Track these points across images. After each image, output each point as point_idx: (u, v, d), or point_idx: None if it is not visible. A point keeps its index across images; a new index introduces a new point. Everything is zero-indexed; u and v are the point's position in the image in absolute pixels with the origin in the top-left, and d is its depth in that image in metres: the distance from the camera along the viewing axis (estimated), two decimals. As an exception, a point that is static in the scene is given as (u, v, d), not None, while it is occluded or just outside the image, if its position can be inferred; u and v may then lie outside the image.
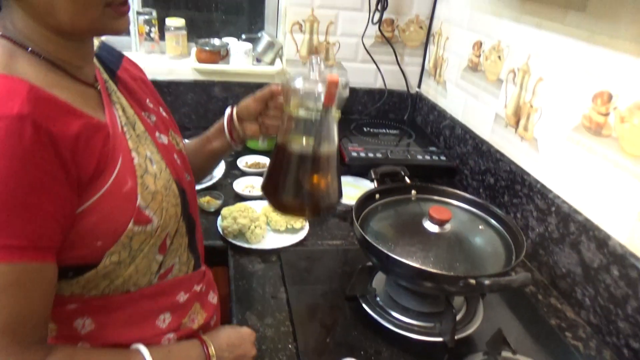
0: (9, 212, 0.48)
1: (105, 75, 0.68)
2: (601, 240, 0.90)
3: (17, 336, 0.51)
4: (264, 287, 0.93)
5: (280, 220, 1.07)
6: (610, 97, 0.91)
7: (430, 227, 0.86)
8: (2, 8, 0.56)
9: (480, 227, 0.91)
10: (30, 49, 0.55)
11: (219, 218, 1.06)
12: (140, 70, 0.79)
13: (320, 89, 0.70)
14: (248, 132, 0.89)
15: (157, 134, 0.70)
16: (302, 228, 1.09)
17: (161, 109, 0.77)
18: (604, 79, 0.92)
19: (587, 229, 0.93)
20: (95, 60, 0.68)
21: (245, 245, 1.02)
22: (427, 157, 1.42)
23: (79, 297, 0.61)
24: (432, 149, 1.48)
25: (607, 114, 0.92)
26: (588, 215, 0.95)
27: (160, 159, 0.67)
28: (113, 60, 0.72)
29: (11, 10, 0.55)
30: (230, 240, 1.02)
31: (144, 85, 0.76)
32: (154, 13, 1.51)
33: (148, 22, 1.51)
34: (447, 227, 0.87)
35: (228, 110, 0.89)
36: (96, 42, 0.73)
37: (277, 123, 0.86)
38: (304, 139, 0.73)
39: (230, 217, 1.03)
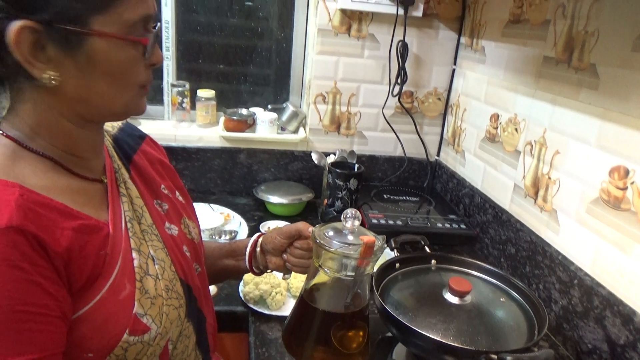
0: (14, 326, 0.45)
1: (117, 164, 0.66)
2: (626, 316, 0.88)
3: None
4: (284, 355, 0.93)
5: (300, 286, 1.08)
6: (627, 172, 0.93)
7: (451, 298, 0.87)
8: (15, 104, 0.55)
9: (501, 299, 0.91)
10: (33, 148, 0.54)
11: (241, 283, 1.08)
12: (162, 151, 0.79)
13: (354, 251, 0.68)
14: (271, 266, 0.86)
15: (166, 224, 0.68)
16: None
17: (177, 194, 0.75)
18: (620, 154, 0.95)
19: (612, 303, 0.92)
20: (111, 144, 0.68)
21: (266, 312, 1.02)
22: (447, 225, 1.43)
23: None
24: (452, 216, 1.50)
25: (624, 188, 0.93)
26: (611, 289, 0.94)
27: (165, 256, 0.64)
28: (132, 144, 0.72)
29: (27, 106, 0.54)
30: (251, 306, 1.04)
31: (162, 168, 0.75)
32: (187, 85, 1.62)
33: (181, 94, 1.61)
34: (468, 298, 0.87)
35: (253, 238, 0.87)
36: (119, 124, 0.74)
37: (302, 263, 0.83)
38: (334, 296, 0.71)
39: (252, 283, 1.05)
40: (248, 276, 1.07)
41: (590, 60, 1.03)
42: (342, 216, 0.72)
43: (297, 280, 1.09)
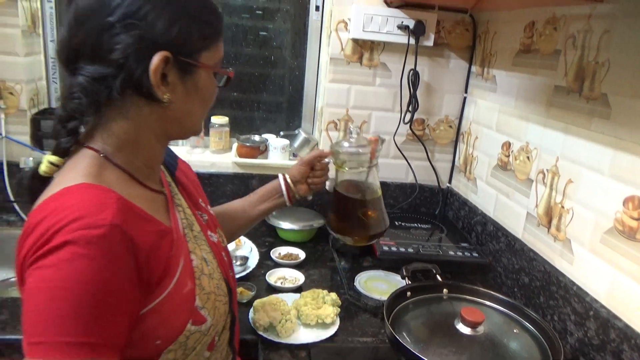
0: (90, 312, 0.52)
1: (168, 178, 0.76)
2: (645, 350, 0.86)
3: None
4: (293, 384, 0.92)
5: (311, 314, 1.08)
6: (641, 202, 0.92)
7: (463, 328, 0.85)
8: (108, 122, 0.63)
9: (515, 330, 0.90)
10: (114, 161, 0.62)
11: (251, 310, 1.08)
12: (192, 170, 0.87)
13: (366, 150, 0.97)
14: (301, 192, 1.08)
15: (209, 232, 0.76)
16: (332, 323, 1.08)
17: (209, 207, 0.84)
18: (634, 184, 0.94)
19: (629, 336, 0.90)
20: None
21: (275, 340, 1.02)
22: (459, 253, 1.42)
23: None
24: (464, 244, 1.48)
25: (639, 219, 0.92)
26: (628, 321, 0.92)
27: (212, 259, 0.73)
28: (172, 162, 0.80)
29: (126, 124, 0.62)
30: (260, 333, 1.03)
31: (196, 185, 0.84)
32: (202, 112, 1.65)
33: (196, 120, 1.64)
34: (481, 329, 0.85)
35: (281, 177, 1.07)
36: None
37: (322, 180, 1.09)
38: (359, 185, 1.00)
39: (262, 310, 1.05)
40: (258, 303, 1.07)
41: (602, 90, 1.04)
42: (347, 131, 1.02)
43: (308, 308, 1.08)
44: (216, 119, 1.66)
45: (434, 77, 1.67)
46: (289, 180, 1.05)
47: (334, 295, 1.14)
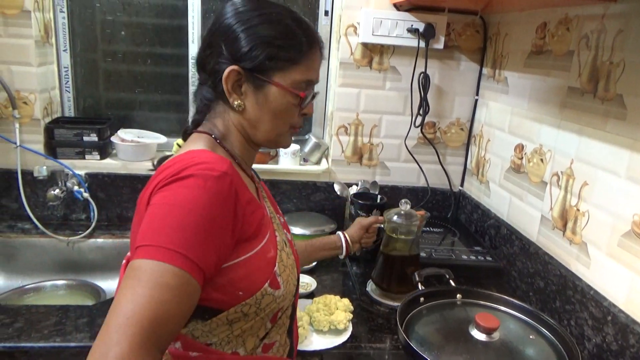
0: (194, 232, 0.62)
1: (257, 179, 0.90)
2: (666, 357, 0.84)
3: (154, 334, 0.56)
4: (306, 392, 0.91)
5: (323, 320, 1.07)
6: (659, 205, 0.90)
7: (478, 335, 0.84)
8: (211, 117, 0.80)
9: (531, 336, 0.88)
10: (224, 145, 0.78)
11: None
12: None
13: (415, 220, 1.19)
14: (355, 249, 1.25)
15: (285, 231, 0.89)
16: (345, 329, 1.08)
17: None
18: (651, 186, 0.92)
19: (649, 342, 0.88)
20: None
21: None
22: (473, 257, 1.40)
23: (202, 347, 0.72)
24: (477, 248, 1.47)
25: (658, 221, 0.90)
26: (648, 327, 0.90)
27: (290, 249, 0.84)
28: (256, 176, 0.93)
29: (218, 120, 0.79)
30: None
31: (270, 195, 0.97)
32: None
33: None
34: (496, 335, 0.84)
35: (342, 235, 1.24)
36: None
37: (371, 241, 1.29)
38: (406, 248, 1.21)
39: None
40: None
41: (617, 91, 1.02)
42: (399, 203, 1.21)
43: (320, 314, 1.08)
44: (227, 125, 1.66)
45: (445, 80, 1.65)
46: (349, 239, 1.23)
47: (346, 300, 1.13)
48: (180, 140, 0.83)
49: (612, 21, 1.05)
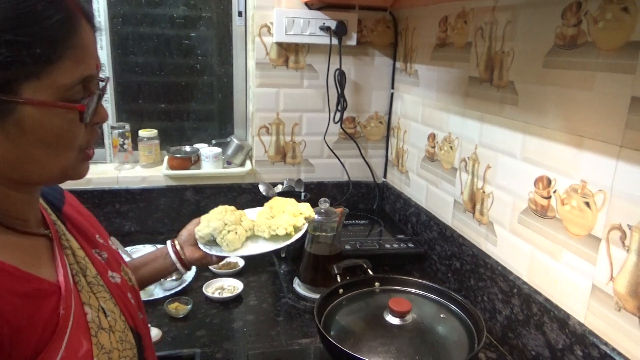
0: None
1: (53, 216, 0.64)
2: (562, 320, 0.91)
3: None
4: (231, 395, 0.91)
5: (262, 224, 0.95)
6: (549, 182, 0.98)
7: (392, 319, 0.87)
8: None
9: (442, 315, 0.93)
10: None
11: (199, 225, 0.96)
12: (81, 205, 0.75)
13: (335, 217, 1.22)
14: (188, 254, 0.95)
15: (109, 273, 0.66)
16: (288, 236, 0.94)
17: (110, 243, 0.74)
18: (542, 165, 0.99)
19: (548, 309, 0.95)
20: (40, 199, 0.63)
21: (221, 254, 0.92)
22: (396, 245, 1.45)
23: None
24: (401, 236, 1.52)
25: (549, 197, 0.98)
26: (547, 295, 0.98)
27: (114, 306, 0.62)
28: (57, 197, 0.69)
29: None
30: (201, 246, 0.93)
31: (91, 219, 0.73)
32: (128, 126, 1.61)
33: (122, 135, 1.59)
34: (409, 318, 0.88)
35: (169, 243, 0.95)
36: None
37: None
38: (328, 244, 1.23)
39: (205, 220, 0.93)
40: (204, 215, 0.97)
41: (509, 78, 1.09)
42: (318, 202, 1.23)
43: (261, 218, 0.98)
44: (144, 133, 1.61)
45: (360, 75, 1.70)
46: (177, 244, 0.95)
47: (304, 205, 1.00)
48: None
49: (501, 13, 1.12)
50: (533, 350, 0.99)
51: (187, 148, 1.65)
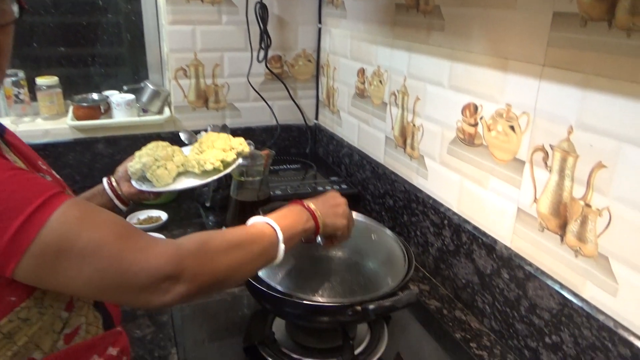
0: None
1: None
2: (489, 246, 0.91)
3: None
4: (152, 353, 0.84)
5: (192, 159, 0.94)
6: (476, 108, 0.95)
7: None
8: None
9: (373, 236, 0.90)
10: None
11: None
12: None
13: (261, 161, 1.13)
14: (125, 190, 0.94)
15: None
16: (216, 171, 0.93)
17: (53, 171, 0.75)
18: (469, 92, 0.96)
19: (476, 236, 0.95)
20: None
21: (153, 189, 0.91)
22: (329, 187, 1.41)
23: None
24: (334, 178, 1.47)
25: (475, 124, 0.95)
26: (475, 223, 0.97)
27: None
28: None
29: None
30: (133, 182, 0.92)
31: (29, 149, 0.74)
32: (21, 74, 1.41)
33: (16, 84, 1.40)
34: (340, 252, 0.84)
35: (105, 180, 0.93)
36: None
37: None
38: (255, 190, 1.16)
39: (137, 156, 0.92)
40: (137, 151, 0.94)
41: (435, 2, 1.03)
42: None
43: (192, 153, 0.97)
44: (43, 80, 1.43)
45: (284, 9, 1.58)
46: (114, 180, 0.93)
47: (238, 140, 0.98)
48: None
49: None
50: (463, 278, 0.99)
51: (95, 96, 1.48)
